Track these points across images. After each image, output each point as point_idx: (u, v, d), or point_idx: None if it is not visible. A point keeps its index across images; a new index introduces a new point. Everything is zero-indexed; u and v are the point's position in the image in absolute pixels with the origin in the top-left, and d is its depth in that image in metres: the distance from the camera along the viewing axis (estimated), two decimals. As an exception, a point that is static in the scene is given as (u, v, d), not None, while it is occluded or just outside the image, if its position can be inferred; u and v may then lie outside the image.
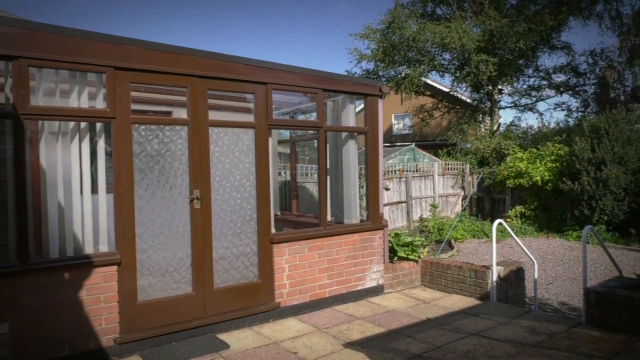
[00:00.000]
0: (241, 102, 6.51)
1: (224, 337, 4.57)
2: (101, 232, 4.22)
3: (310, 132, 6.89)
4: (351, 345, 4.35)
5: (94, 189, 4.20)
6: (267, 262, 5.09)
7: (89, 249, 4.14)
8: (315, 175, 5.87)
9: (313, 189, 8.49)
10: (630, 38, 18.21)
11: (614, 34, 19.33)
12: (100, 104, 4.24)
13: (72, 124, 4.09)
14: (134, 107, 4.38)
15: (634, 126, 12.86)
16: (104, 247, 4.23)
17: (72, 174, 4.06)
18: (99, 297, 4.07)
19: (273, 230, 5.20)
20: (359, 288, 5.87)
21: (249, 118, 5.21)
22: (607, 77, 19.56)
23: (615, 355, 3.91)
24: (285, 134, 8.60)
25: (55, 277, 3.88)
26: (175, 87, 4.95)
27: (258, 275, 5.04)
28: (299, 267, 5.33)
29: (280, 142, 8.46)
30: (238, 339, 4.54)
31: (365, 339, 4.51)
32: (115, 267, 4.14)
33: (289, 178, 8.28)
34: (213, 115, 4.82)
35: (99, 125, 4.27)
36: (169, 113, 6.19)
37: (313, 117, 6.56)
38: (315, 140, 5.77)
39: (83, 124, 4.16)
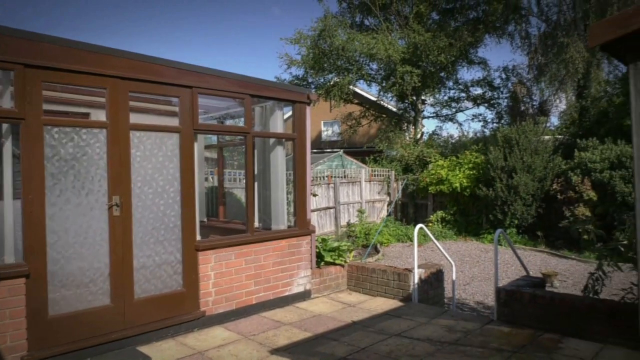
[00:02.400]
0: (167, 105, 6.31)
1: (145, 349, 4.38)
2: (7, 242, 3.89)
3: (238, 137, 6.83)
4: (277, 351, 4.35)
5: (-1, 195, 3.88)
6: (192, 270, 4.96)
7: (-8, 261, 3.81)
8: (243, 181, 5.82)
9: (241, 194, 8.40)
10: (537, 57, 19.86)
11: (523, 53, 21.03)
12: (7, 103, 3.93)
13: (-27, 124, 3.76)
14: (48, 107, 4.11)
15: (540, 137, 14.08)
16: (9, 258, 3.90)
17: (-27, 178, 3.73)
18: (4, 312, 3.75)
19: (198, 237, 5.09)
20: (287, 294, 5.89)
21: (174, 122, 5.07)
22: (518, 92, 21.24)
23: (522, 348, 4.24)
24: (213, 138, 8.45)
25: (-48, 292, 3.53)
26: (94, 88, 4.71)
27: (182, 283, 4.90)
28: (225, 275, 5.24)
29: (207, 147, 8.29)
30: (160, 350, 4.38)
31: (292, 344, 4.53)
32: (22, 280, 3.84)
33: (216, 184, 8.13)
34: (135, 119, 4.63)
35: (5, 126, 3.95)
36: (87, 115, 5.87)
37: (241, 122, 6.50)
38: (243, 146, 5.73)
39: (-13, 125, 3.83)
